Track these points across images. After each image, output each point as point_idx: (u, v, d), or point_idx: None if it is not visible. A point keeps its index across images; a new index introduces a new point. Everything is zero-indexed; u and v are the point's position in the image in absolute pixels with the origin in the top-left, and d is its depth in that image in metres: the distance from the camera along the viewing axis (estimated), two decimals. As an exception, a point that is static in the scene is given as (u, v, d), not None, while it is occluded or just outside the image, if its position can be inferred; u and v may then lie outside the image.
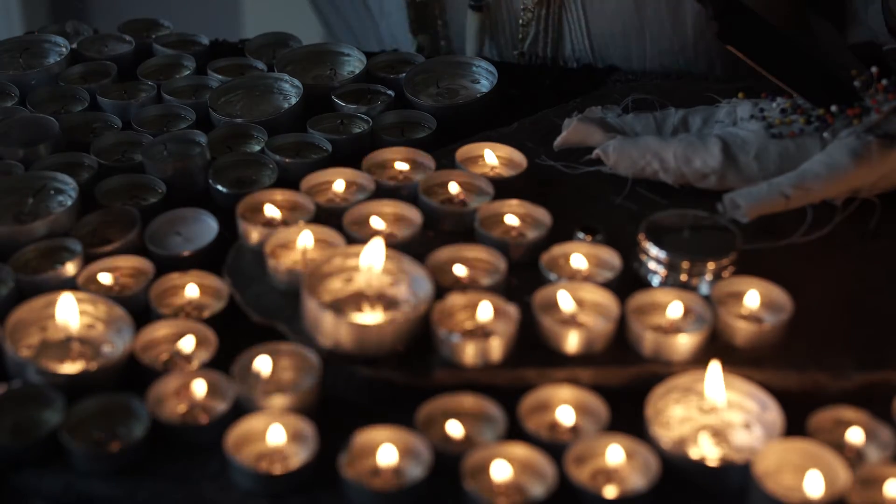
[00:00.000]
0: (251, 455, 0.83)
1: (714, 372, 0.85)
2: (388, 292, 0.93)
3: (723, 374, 0.85)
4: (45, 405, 0.86)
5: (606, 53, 1.30)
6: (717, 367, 0.85)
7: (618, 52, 1.30)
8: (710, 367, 0.85)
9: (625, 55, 1.30)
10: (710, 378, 0.85)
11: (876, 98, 1.05)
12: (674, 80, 1.26)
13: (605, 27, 1.28)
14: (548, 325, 0.89)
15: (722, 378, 0.85)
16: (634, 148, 1.04)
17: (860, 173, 1.00)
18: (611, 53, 1.30)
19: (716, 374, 0.85)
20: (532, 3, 1.28)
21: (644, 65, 1.31)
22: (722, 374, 0.85)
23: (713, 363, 0.85)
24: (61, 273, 0.96)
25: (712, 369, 0.85)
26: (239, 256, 0.99)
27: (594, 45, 1.29)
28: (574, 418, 0.85)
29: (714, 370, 0.85)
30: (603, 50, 1.30)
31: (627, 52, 1.30)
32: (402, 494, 0.80)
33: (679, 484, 0.81)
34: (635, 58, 1.30)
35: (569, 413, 0.85)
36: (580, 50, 1.30)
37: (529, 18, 1.29)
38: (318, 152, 1.12)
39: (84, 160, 1.10)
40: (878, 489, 0.80)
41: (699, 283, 0.93)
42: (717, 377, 0.85)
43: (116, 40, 1.30)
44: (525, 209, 1.01)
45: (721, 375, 0.85)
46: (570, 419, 0.85)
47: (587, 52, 1.30)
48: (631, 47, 1.30)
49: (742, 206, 0.98)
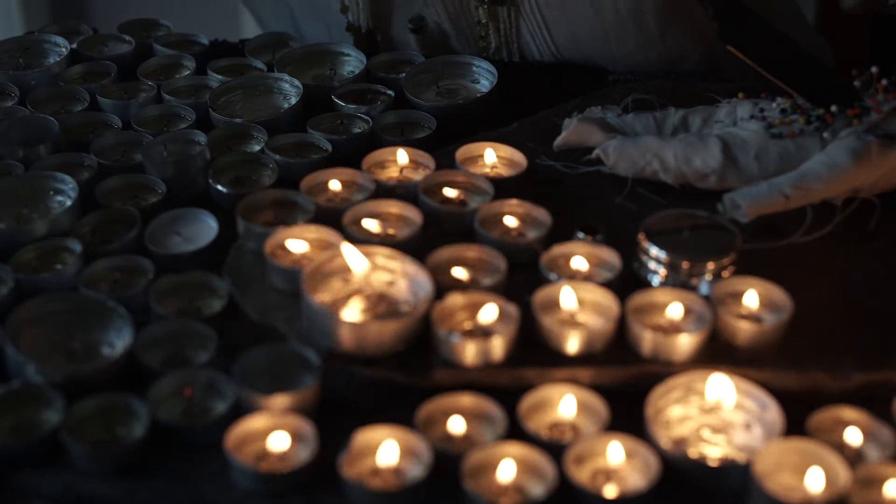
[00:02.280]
0: (251, 455, 0.83)
1: (721, 380, 0.85)
2: (388, 292, 0.93)
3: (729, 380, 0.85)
4: (45, 405, 0.86)
5: (576, 57, 1.29)
6: (722, 377, 0.85)
7: (588, 55, 1.28)
8: (716, 376, 0.85)
9: (595, 56, 1.29)
10: (717, 385, 0.85)
11: (876, 98, 1.05)
12: (674, 80, 1.26)
13: (567, 31, 1.27)
14: (548, 325, 0.89)
15: (731, 384, 0.85)
16: (634, 148, 1.04)
17: (860, 173, 1.00)
18: (581, 56, 1.29)
19: (723, 382, 0.85)
20: (484, 16, 1.26)
21: (617, 66, 1.29)
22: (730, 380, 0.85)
23: (718, 374, 0.85)
24: (61, 273, 0.96)
25: (718, 378, 0.85)
26: (239, 256, 0.99)
27: (560, 50, 1.28)
28: (574, 418, 0.85)
29: (720, 379, 0.85)
30: (572, 53, 1.28)
31: (598, 53, 1.28)
32: (402, 494, 0.80)
33: (679, 484, 0.81)
34: (604, 59, 1.29)
35: (569, 413, 0.85)
36: (548, 55, 1.29)
37: (487, 31, 1.27)
38: (318, 152, 1.12)
39: (84, 160, 1.10)
40: (878, 489, 0.80)
41: (699, 283, 0.93)
42: (724, 384, 0.84)
43: (116, 40, 1.30)
44: (525, 209, 1.01)
45: (730, 383, 0.85)
46: (571, 419, 0.85)
47: (556, 56, 1.29)
48: (599, 49, 1.28)
49: (742, 206, 0.98)
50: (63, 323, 0.92)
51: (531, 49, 1.29)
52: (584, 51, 1.28)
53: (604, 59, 1.28)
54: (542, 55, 1.30)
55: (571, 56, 1.29)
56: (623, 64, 1.29)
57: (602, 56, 1.28)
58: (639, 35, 1.26)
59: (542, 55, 1.30)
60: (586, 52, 1.28)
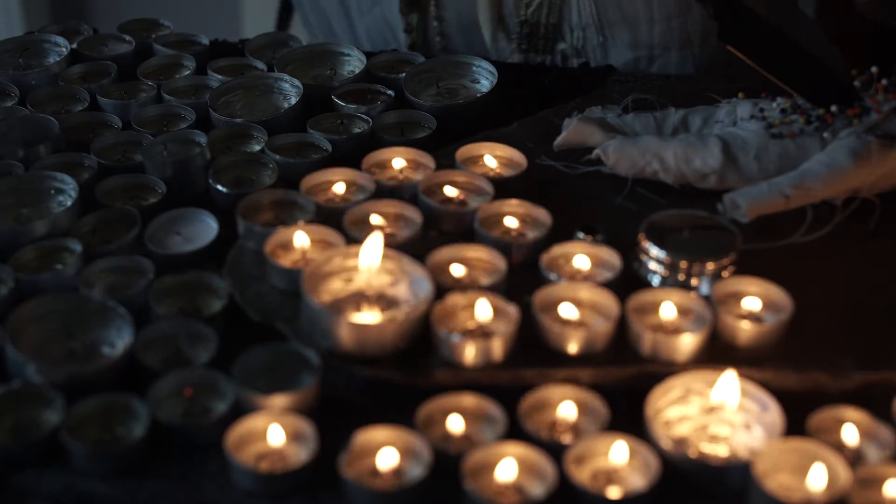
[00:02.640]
0: (251, 455, 0.83)
1: (730, 379, 0.85)
2: (388, 292, 0.93)
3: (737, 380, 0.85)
4: (45, 405, 0.86)
5: (612, 19, 1.28)
6: (733, 375, 0.85)
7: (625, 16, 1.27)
8: (727, 374, 0.85)
9: (632, 22, 1.28)
10: (725, 385, 0.85)
11: (876, 98, 1.05)
12: (674, 80, 1.26)
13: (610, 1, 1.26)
14: (548, 325, 0.89)
15: (737, 385, 0.85)
16: (634, 148, 1.04)
17: (860, 173, 1.00)
18: (616, 17, 1.28)
19: (731, 382, 0.84)
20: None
21: (652, 36, 1.28)
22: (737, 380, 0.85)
23: (729, 373, 0.85)
24: (61, 273, 0.96)
25: (729, 377, 0.85)
26: (239, 256, 0.99)
27: (601, 15, 1.27)
28: (574, 418, 0.85)
29: (730, 378, 0.85)
30: (608, 13, 1.27)
31: (634, 16, 1.27)
32: (402, 494, 0.80)
33: (679, 484, 0.81)
34: (644, 22, 1.28)
35: (569, 413, 0.85)
36: (586, 17, 1.28)
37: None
38: (318, 152, 1.12)
39: (84, 160, 1.10)
40: (878, 489, 0.80)
41: (699, 283, 0.93)
42: (732, 384, 0.84)
43: (116, 40, 1.30)
44: (525, 209, 1.01)
45: (736, 383, 0.85)
46: (571, 419, 0.85)
47: (593, 18, 1.28)
48: (638, 9, 1.27)
49: (742, 206, 0.98)
50: (63, 323, 0.92)
51: (571, 9, 1.28)
52: (624, 9, 1.27)
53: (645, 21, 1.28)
54: (582, 16, 1.28)
55: (606, 18, 1.28)
56: (657, 31, 1.28)
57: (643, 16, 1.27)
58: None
59: (582, 16, 1.28)
60: (627, 10, 1.27)
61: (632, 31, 1.29)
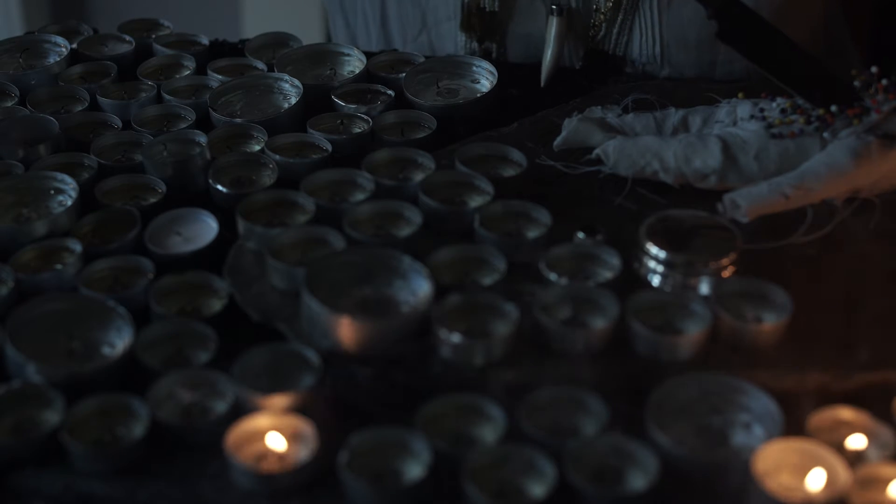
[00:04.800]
0: (251, 455, 0.83)
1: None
2: (388, 293, 0.93)
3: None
4: (45, 405, 0.86)
5: (675, 60, 1.26)
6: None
7: (688, 60, 1.26)
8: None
9: (694, 63, 1.27)
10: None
11: (876, 98, 1.05)
12: (674, 80, 1.26)
13: (678, 35, 1.24)
14: (548, 325, 0.89)
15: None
16: (634, 148, 1.04)
17: (860, 173, 1.00)
18: (680, 61, 1.26)
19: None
20: (606, 6, 1.24)
21: (713, 73, 1.27)
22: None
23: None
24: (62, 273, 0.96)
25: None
26: (239, 256, 0.99)
27: (665, 53, 1.25)
28: (575, 418, 0.85)
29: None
30: (672, 56, 1.26)
31: (698, 60, 1.26)
32: (402, 494, 0.80)
33: (679, 484, 0.81)
34: (705, 65, 1.27)
35: (567, 413, 0.85)
36: (647, 55, 1.26)
37: (602, 20, 1.26)
38: (318, 152, 1.12)
39: (84, 160, 1.10)
40: (878, 489, 0.80)
41: (699, 283, 0.93)
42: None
43: (116, 40, 1.30)
44: (525, 209, 1.01)
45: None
46: (568, 419, 0.85)
47: (654, 58, 1.26)
48: (703, 56, 1.26)
49: (742, 206, 0.98)
50: (63, 323, 0.92)
51: (633, 46, 1.26)
52: (688, 56, 1.26)
53: (706, 67, 1.27)
54: (643, 55, 1.26)
55: (671, 59, 1.26)
56: (722, 70, 1.27)
57: (705, 64, 1.26)
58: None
59: (643, 55, 1.26)
60: (689, 58, 1.26)
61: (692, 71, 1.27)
